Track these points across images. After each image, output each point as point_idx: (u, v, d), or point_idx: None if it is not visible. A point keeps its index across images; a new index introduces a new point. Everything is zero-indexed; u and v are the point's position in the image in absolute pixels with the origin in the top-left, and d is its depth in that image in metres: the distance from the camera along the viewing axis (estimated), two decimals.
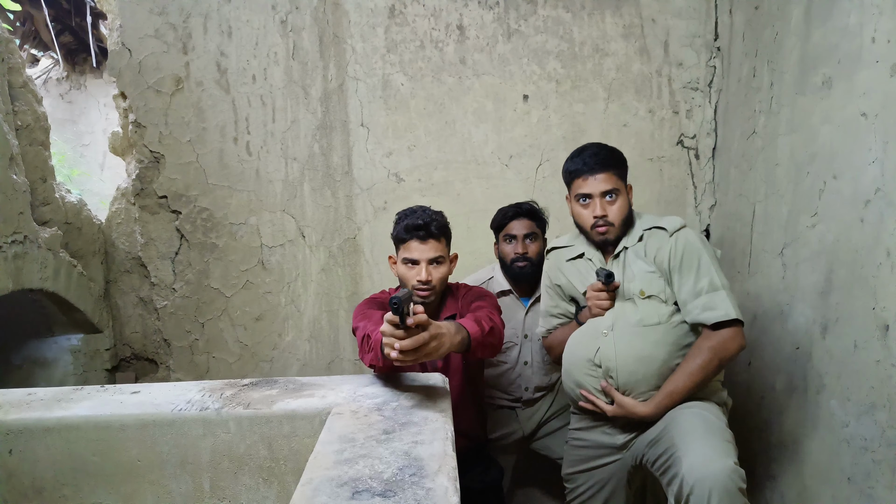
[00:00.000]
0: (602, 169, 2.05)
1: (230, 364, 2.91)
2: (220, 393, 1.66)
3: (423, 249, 2.06)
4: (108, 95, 5.41)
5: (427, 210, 2.14)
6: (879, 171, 1.81)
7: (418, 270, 2.06)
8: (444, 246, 2.12)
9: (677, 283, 2.00)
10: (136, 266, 2.82)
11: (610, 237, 2.08)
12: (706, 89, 3.05)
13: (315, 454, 1.26)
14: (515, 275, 2.58)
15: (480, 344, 1.77)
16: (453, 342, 1.62)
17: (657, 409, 1.96)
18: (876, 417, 1.82)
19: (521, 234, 2.56)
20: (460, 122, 3.08)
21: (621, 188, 2.09)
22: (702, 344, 1.94)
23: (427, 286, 2.06)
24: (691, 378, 1.93)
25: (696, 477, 1.70)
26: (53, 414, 1.56)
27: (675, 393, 1.95)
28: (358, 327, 1.91)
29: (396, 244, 2.15)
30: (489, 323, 1.84)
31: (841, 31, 2.00)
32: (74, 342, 2.70)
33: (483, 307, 2.01)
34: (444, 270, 2.11)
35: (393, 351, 1.43)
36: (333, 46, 3.02)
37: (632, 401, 1.99)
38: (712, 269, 1.98)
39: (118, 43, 2.66)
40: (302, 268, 3.00)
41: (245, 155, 2.84)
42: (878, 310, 1.81)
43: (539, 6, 3.03)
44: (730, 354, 1.93)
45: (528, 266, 2.54)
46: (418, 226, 2.06)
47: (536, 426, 2.65)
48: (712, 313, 1.92)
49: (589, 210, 2.07)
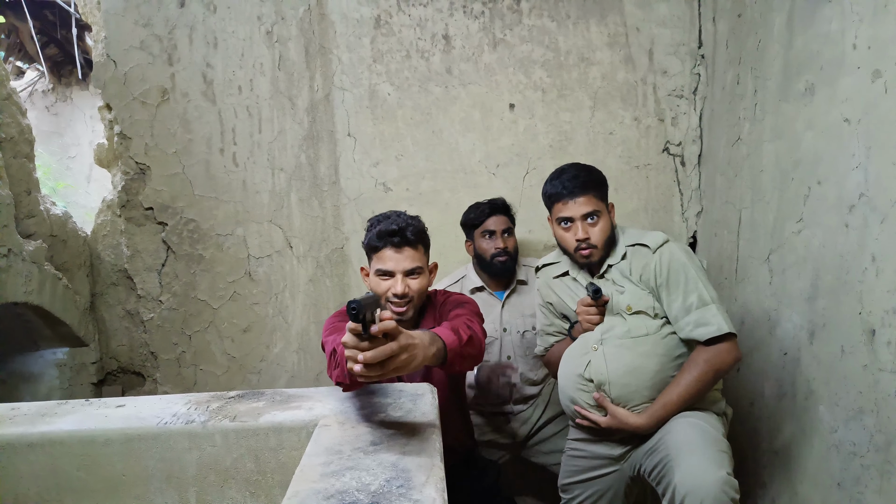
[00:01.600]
0: (582, 192, 2.04)
1: (218, 376, 2.88)
2: (207, 406, 1.64)
3: (398, 259, 1.88)
4: (94, 107, 5.39)
5: (402, 214, 1.96)
6: (863, 176, 1.82)
7: (393, 283, 1.88)
8: (422, 255, 1.95)
9: (666, 301, 2.00)
10: (122, 278, 2.80)
11: (594, 259, 2.08)
12: (691, 97, 3.06)
13: (301, 467, 1.25)
14: (497, 270, 2.62)
15: (458, 355, 1.60)
16: (427, 354, 1.42)
17: (651, 419, 1.95)
18: (864, 422, 1.83)
19: (500, 229, 2.60)
20: (447, 132, 3.09)
21: (602, 209, 2.08)
22: (697, 357, 1.94)
23: (403, 300, 1.89)
24: (686, 390, 1.93)
25: (688, 487, 1.71)
26: (37, 429, 1.54)
27: (669, 404, 1.94)
28: (325, 342, 1.75)
29: (368, 253, 1.98)
30: (467, 332, 1.67)
31: (823, 38, 2.01)
32: (60, 356, 2.67)
33: (462, 315, 1.84)
34: (422, 282, 1.93)
35: (356, 364, 1.23)
36: (320, 57, 3.02)
37: (625, 412, 1.99)
38: (699, 283, 1.97)
39: (103, 55, 2.64)
40: (289, 279, 2.98)
41: (231, 166, 2.83)
42: (864, 314, 1.82)
43: (524, 16, 3.04)
44: (726, 367, 1.93)
45: (508, 260, 2.61)
46: (392, 231, 1.88)
47: (529, 433, 2.64)
48: (705, 329, 1.92)
49: (571, 233, 2.06)
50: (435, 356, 1.49)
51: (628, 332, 2.01)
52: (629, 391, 1.98)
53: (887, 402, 1.73)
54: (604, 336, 2.04)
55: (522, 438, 2.65)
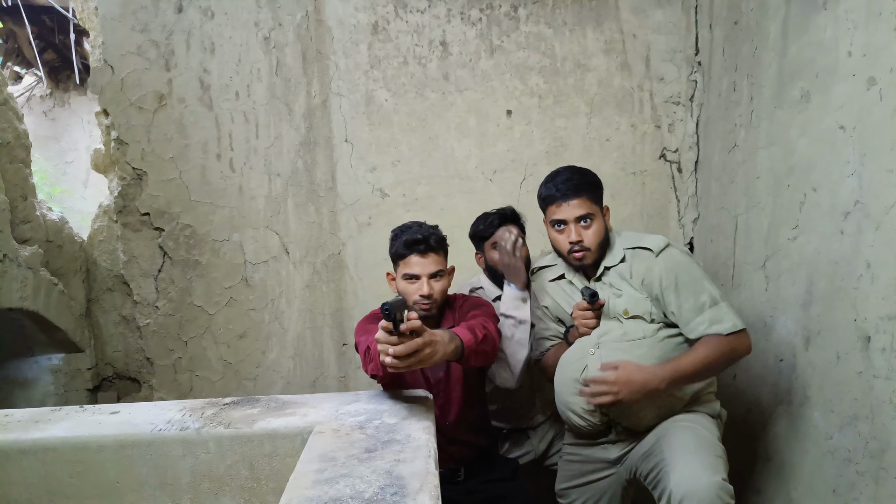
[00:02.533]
0: (575, 194, 2.05)
1: (213, 382, 2.87)
2: (201, 412, 1.64)
3: (423, 264, 2.07)
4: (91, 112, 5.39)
5: (423, 225, 2.16)
6: (857, 183, 1.82)
7: (419, 285, 2.07)
8: (443, 259, 2.14)
9: (675, 303, 1.99)
10: (118, 284, 2.79)
11: (587, 262, 2.08)
12: (687, 103, 3.07)
13: (295, 474, 1.25)
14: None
15: (474, 351, 1.79)
16: (447, 350, 1.64)
17: (660, 375, 1.89)
18: (859, 429, 1.83)
19: None
20: (443, 138, 3.09)
21: (596, 212, 2.08)
22: (711, 340, 1.93)
23: (429, 300, 2.07)
24: (702, 361, 1.91)
25: (683, 492, 1.71)
26: (30, 435, 1.53)
27: (681, 367, 1.91)
28: (359, 342, 1.95)
29: (395, 260, 2.16)
30: (482, 331, 1.86)
31: (817, 46, 2.02)
32: (55, 362, 2.66)
33: (478, 315, 2.02)
34: (444, 283, 2.13)
35: (387, 357, 1.47)
36: (317, 63, 3.02)
37: (634, 366, 1.92)
38: (706, 283, 1.99)
39: (100, 60, 2.64)
40: (286, 284, 2.98)
41: (228, 171, 2.83)
42: (859, 321, 1.82)
43: (521, 22, 3.05)
44: (740, 353, 1.95)
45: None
46: (418, 240, 2.07)
47: (548, 446, 2.61)
48: (721, 326, 1.93)
49: (564, 236, 2.07)
50: (454, 352, 1.70)
51: (625, 336, 2.01)
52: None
53: (882, 409, 1.73)
54: (600, 340, 2.03)
55: (542, 453, 2.61)
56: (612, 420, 2.05)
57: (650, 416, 2.00)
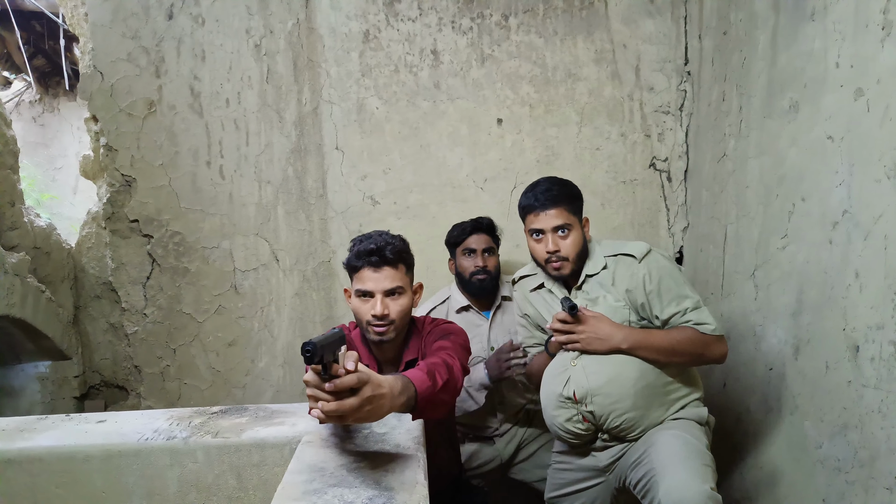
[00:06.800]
0: (553, 205, 2.07)
1: (202, 391, 2.85)
2: (189, 421, 1.62)
3: (377, 279, 1.83)
4: (81, 119, 5.38)
5: (384, 234, 1.92)
6: (846, 193, 1.83)
7: (373, 304, 1.82)
8: (404, 274, 1.89)
9: (658, 307, 2.02)
10: (106, 291, 2.77)
11: (565, 272, 2.09)
12: (677, 113, 3.09)
13: (283, 484, 1.24)
14: (476, 289, 2.61)
15: (430, 403, 1.48)
16: (394, 405, 1.33)
17: (628, 336, 1.98)
18: (848, 438, 1.83)
19: (481, 248, 2.60)
20: (435, 146, 3.10)
21: (574, 223, 2.09)
22: (689, 329, 1.99)
23: (383, 322, 1.83)
24: (674, 338, 1.97)
25: (672, 501, 1.71)
26: (15, 445, 1.51)
27: (649, 338, 1.99)
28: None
29: (350, 274, 1.92)
30: (444, 374, 1.57)
31: (806, 56, 2.04)
32: (42, 370, 2.63)
33: (445, 348, 1.75)
34: (404, 303, 1.87)
35: (316, 410, 1.19)
36: (308, 70, 3.02)
37: (606, 320, 2.01)
38: (687, 288, 2.03)
39: (90, 66, 2.63)
40: (276, 292, 2.97)
41: (218, 178, 2.82)
42: (848, 330, 1.83)
43: (512, 32, 3.06)
44: (714, 355, 2.00)
45: (487, 279, 2.59)
46: (371, 251, 1.83)
47: (514, 450, 2.63)
48: (704, 326, 1.98)
49: (542, 245, 2.09)
50: (404, 405, 1.39)
51: None
52: (612, 400, 1.98)
53: (871, 418, 1.74)
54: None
55: (508, 458, 2.63)
56: (599, 427, 2.05)
57: (631, 418, 1.99)
